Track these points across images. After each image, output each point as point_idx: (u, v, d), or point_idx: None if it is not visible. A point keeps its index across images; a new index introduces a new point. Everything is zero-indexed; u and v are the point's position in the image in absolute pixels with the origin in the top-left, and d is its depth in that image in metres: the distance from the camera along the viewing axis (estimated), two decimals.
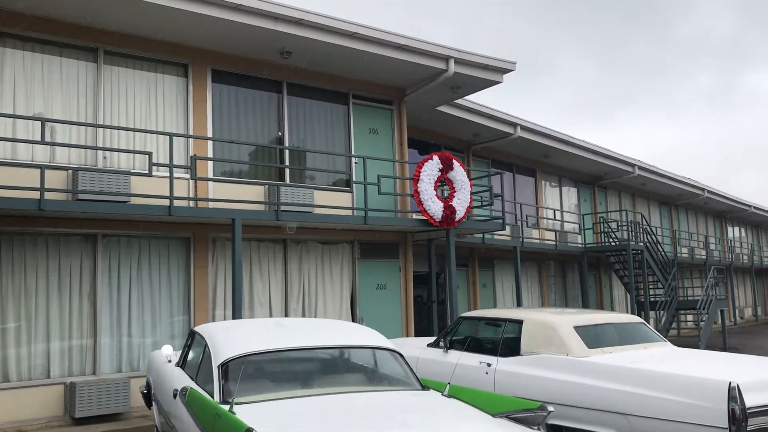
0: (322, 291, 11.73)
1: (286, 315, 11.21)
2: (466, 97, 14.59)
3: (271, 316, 11.03)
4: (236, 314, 9.52)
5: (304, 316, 11.42)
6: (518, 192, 19.01)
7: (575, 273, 20.93)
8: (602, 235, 20.04)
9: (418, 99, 13.32)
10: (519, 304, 15.95)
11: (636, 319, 7.69)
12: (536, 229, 18.54)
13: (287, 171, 11.52)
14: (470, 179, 14.58)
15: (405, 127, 13.04)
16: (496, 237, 16.19)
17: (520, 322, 7.32)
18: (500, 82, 12.72)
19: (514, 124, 16.55)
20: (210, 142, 10.70)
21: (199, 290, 10.43)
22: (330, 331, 5.73)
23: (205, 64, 10.78)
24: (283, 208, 10.43)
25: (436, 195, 11.83)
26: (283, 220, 10.21)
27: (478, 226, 12.86)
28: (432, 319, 13.47)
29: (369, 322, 12.11)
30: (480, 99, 15.48)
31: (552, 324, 7.04)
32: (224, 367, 5.00)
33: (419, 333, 13.29)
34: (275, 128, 11.58)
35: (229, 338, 5.40)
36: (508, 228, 16.87)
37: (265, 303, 11.13)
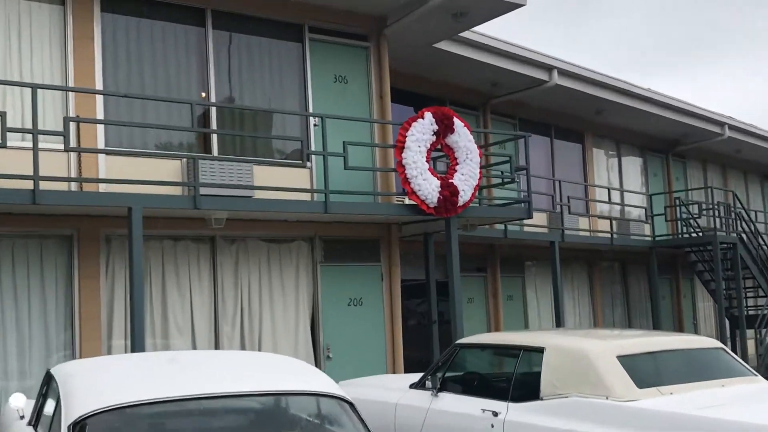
0: (269, 310, 11.58)
1: (217, 344, 11.03)
2: (478, 30, 14.36)
3: (194, 345, 10.87)
4: (137, 345, 9.27)
5: (243, 345, 11.29)
6: (558, 164, 19.03)
7: (642, 278, 20.78)
8: (679, 223, 19.88)
9: (407, 32, 13.11)
10: (559, 324, 15.82)
11: (712, 343, 7.55)
12: (585, 216, 18.37)
13: (214, 138, 11.38)
14: (485, 145, 14.37)
15: (387, 73, 12.86)
16: (526, 228, 15.97)
17: (540, 351, 7.14)
18: (522, 5, 12.61)
19: (549, 68, 16.41)
20: (99, 99, 10.49)
21: (87, 311, 10.18)
22: (247, 369, 5.54)
23: None
24: (205, 191, 10.24)
25: (430, 169, 11.61)
26: (205, 208, 9.98)
27: (493, 213, 12.80)
28: (432, 346, 13.30)
29: (338, 353, 11.97)
30: (498, 33, 15.71)
31: (585, 352, 6.81)
32: (77, 427, 4.64)
33: (412, 367, 12.99)
34: (196, 77, 11.38)
35: (90, 384, 5.13)
36: (541, 215, 16.64)
37: (186, 328, 10.94)
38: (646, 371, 6.75)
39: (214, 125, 11.36)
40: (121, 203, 9.46)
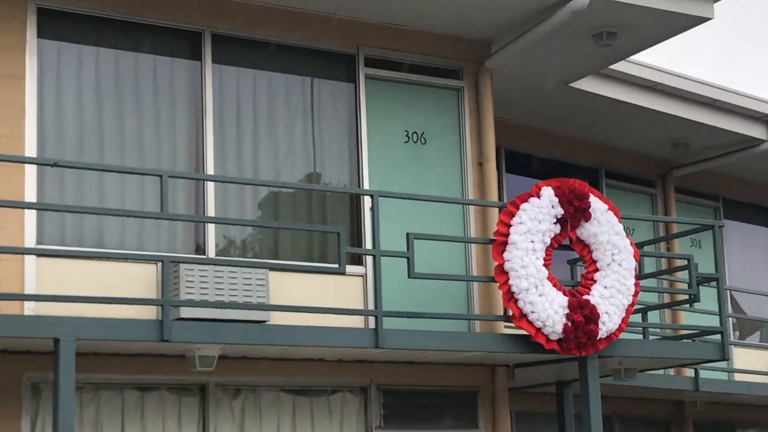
0: None
1: None
2: (641, 60, 12.44)
3: None
4: None
5: None
6: None
7: None
8: None
9: (522, 65, 11.26)
10: None
11: None
12: None
13: (210, 230, 9.48)
14: (659, 240, 13.76)
15: (491, 126, 10.88)
16: (738, 377, 14.02)
17: None
18: (708, 19, 10.71)
19: (766, 120, 14.37)
20: (29, 170, 8.73)
21: None
22: None
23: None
24: (188, 312, 8.58)
25: (551, 278, 9.46)
26: (178, 340, 8.15)
27: (660, 352, 10.49)
28: None
29: None
30: (677, 68, 14.04)
31: None
32: None
33: None
34: (186, 136, 9.81)
35: None
36: (763, 354, 14.93)
37: None
38: None
39: (210, 208, 9.39)
40: (45, 333, 7.76)
